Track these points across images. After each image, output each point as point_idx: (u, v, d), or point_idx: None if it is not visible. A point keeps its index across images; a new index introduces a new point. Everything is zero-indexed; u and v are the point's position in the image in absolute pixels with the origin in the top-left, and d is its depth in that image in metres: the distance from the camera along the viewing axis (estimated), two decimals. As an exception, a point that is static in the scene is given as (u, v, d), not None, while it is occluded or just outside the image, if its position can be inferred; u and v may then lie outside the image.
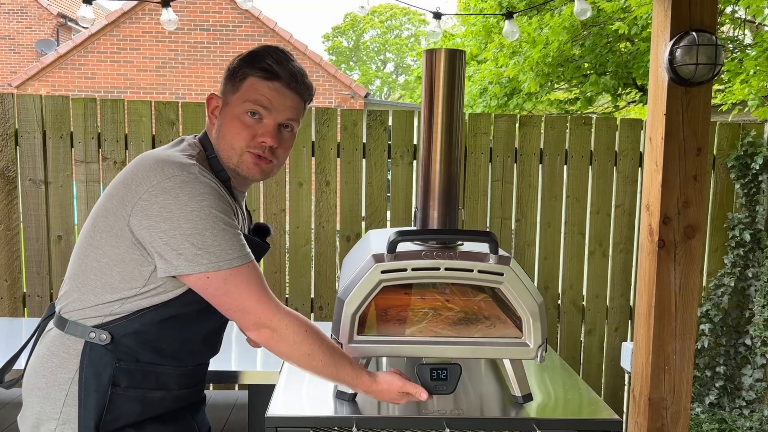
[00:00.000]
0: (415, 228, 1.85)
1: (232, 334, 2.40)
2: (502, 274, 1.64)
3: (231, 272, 1.34)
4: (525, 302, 1.65)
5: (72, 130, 3.20)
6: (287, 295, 3.37)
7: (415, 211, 1.87)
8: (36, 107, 3.16)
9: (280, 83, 1.43)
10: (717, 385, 3.49)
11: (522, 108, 8.16)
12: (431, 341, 1.71)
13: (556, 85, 8.17)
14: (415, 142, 3.32)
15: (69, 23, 18.87)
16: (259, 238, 1.59)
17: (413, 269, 1.64)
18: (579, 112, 7.65)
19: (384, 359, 2.03)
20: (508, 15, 2.46)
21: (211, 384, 3.08)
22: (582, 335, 3.52)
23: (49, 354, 1.39)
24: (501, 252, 1.68)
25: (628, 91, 7.83)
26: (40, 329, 1.48)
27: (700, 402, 3.50)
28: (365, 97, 14.04)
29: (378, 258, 1.64)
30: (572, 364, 3.50)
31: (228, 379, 2.07)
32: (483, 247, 1.71)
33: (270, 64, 1.42)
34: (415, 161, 3.32)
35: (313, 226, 3.34)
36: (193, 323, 1.45)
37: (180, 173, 1.33)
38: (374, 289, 1.64)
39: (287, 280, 3.35)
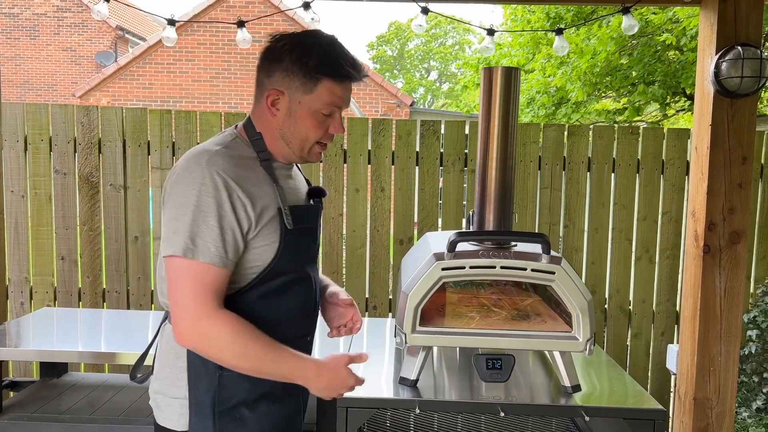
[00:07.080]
0: (472, 230, 2.02)
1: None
2: (553, 273, 1.79)
3: (186, 262, 1.36)
4: (575, 299, 1.80)
5: (149, 139, 3.48)
6: (344, 295, 3.56)
7: (471, 215, 2.03)
8: (117, 118, 3.44)
9: (351, 81, 1.54)
10: (764, 390, 3.52)
11: (569, 118, 8.22)
12: (487, 333, 1.86)
13: (603, 95, 8.21)
14: (465, 150, 3.48)
15: (126, 35, 19.66)
16: (315, 199, 1.66)
17: (471, 267, 1.81)
18: (627, 122, 7.66)
19: (435, 350, 2.19)
20: (558, 31, 2.60)
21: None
22: (628, 339, 3.61)
23: (167, 347, 1.51)
24: (552, 252, 1.83)
25: (677, 99, 7.82)
26: (160, 327, 1.60)
27: (747, 407, 3.54)
28: (410, 105, 14.22)
29: (439, 256, 1.82)
30: (618, 366, 3.59)
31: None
32: (535, 248, 1.87)
33: (349, 71, 1.49)
34: (465, 168, 3.48)
35: (368, 230, 3.54)
36: (285, 296, 1.53)
37: (191, 164, 1.41)
38: (435, 285, 1.81)
39: (344, 281, 3.55)
